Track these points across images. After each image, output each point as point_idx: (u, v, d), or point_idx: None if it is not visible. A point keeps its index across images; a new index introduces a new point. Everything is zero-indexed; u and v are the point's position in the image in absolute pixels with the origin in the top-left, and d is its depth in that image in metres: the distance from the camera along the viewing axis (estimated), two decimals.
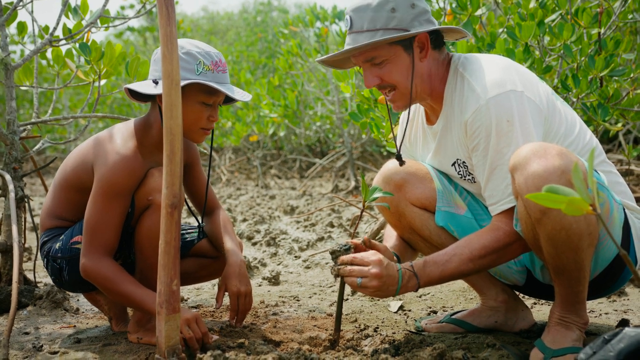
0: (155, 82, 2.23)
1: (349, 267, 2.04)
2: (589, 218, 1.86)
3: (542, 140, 2.03)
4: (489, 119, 2.02)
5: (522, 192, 1.89)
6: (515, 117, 2.00)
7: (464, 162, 2.23)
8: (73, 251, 2.33)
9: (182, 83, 2.14)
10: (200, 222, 2.60)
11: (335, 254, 2.09)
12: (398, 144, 2.35)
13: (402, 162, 2.33)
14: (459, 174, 2.29)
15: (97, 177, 2.24)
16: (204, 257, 2.65)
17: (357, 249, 2.13)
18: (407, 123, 2.41)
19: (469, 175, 2.25)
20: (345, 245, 2.10)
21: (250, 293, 2.39)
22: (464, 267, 2.05)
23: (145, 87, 2.25)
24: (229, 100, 2.41)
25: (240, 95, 2.29)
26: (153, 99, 2.33)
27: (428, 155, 2.39)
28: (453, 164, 2.28)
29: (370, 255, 2.05)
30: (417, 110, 2.41)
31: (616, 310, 2.68)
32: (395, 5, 2.07)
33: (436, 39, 2.17)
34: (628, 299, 2.84)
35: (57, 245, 2.37)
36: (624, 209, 2.08)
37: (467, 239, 2.09)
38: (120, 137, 2.30)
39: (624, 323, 2.37)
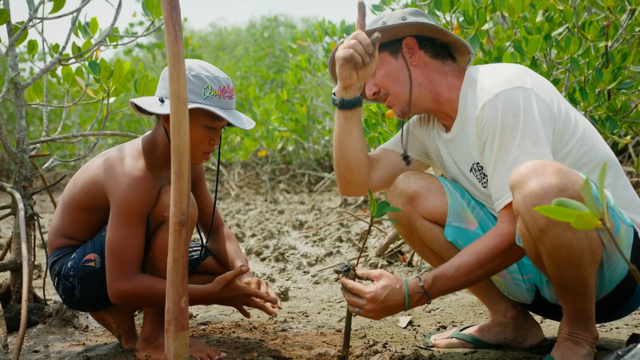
0: (162, 100, 2.25)
1: (347, 295, 2.08)
2: (590, 235, 1.84)
3: (551, 139, 2.03)
4: (496, 112, 2.03)
5: (521, 210, 1.88)
6: (521, 112, 2.00)
7: (478, 163, 2.22)
8: (86, 269, 2.34)
9: (188, 106, 2.16)
10: (205, 241, 2.60)
11: (338, 273, 2.11)
12: (404, 143, 2.40)
13: (408, 162, 2.39)
14: (478, 180, 2.26)
15: (114, 201, 2.25)
16: (210, 274, 2.65)
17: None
18: (406, 127, 2.43)
19: (484, 178, 2.24)
20: (345, 266, 2.12)
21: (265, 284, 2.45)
22: (473, 275, 2.04)
23: (150, 104, 2.26)
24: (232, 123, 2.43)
25: (245, 122, 2.31)
26: (158, 115, 2.34)
27: (450, 166, 2.38)
28: (471, 170, 2.26)
29: (366, 290, 2.04)
30: (432, 123, 2.41)
31: (627, 325, 2.65)
32: (386, 20, 2.20)
33: (432, 46, 2.24)
34: (639, 313, 2.81)
35: (69, 264, 2.37)
36: (635, 232, 2.04)
37: (473, 245, 2.07)
38: (130, 158, 2.31)
39: (635, 338, 2.34)
